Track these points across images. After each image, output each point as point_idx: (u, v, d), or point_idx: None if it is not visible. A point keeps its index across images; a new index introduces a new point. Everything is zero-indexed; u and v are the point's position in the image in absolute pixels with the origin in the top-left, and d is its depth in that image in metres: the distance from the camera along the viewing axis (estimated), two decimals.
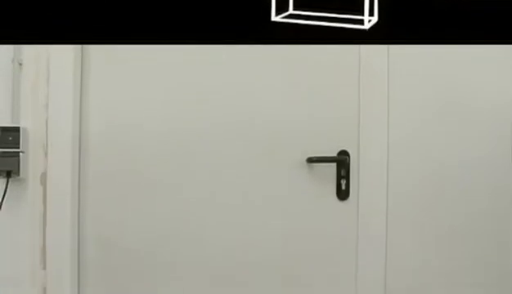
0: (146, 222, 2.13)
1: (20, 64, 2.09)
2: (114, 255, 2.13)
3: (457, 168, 2.18)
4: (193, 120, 2.15)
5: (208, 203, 2.15)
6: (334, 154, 2.16)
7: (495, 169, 2.18)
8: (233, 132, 2.15)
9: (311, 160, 2.13)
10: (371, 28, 1.64)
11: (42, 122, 2.08)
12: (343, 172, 2.14)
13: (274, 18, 1.66)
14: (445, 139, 2.18)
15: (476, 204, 2.18)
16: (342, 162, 2.14)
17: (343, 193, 2.15)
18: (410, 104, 2.18)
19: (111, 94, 2.15)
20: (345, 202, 2.15)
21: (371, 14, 1.63)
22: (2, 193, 2.03)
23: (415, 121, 2.18)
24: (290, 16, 1.67)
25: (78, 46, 2.11)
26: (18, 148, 2.04)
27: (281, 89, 2.16)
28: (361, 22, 1.64)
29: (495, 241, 2.18)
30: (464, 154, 2.19)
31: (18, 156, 2.04)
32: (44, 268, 2.06)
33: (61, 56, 2.09)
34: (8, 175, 2.04)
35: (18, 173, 2.04)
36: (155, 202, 2.14)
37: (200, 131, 2.15)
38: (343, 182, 2.14)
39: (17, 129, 2.05)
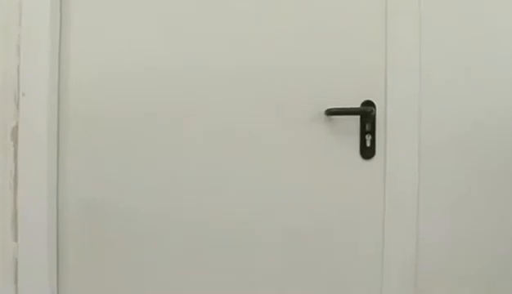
0: (137, 183, 1.95)
1: None
2: (97, 222, 1.95)
3: (498, 121, 2.00)
4: (193, 66, 1.96)
5: (209, 161, 1.96)
6: (358, 105, 1.99)
7: None
8: (238, 79, 1.96)
9: (330, 112, 1.96)
10: None
11: (13, 68, 1.90)
12: (367, 126, 1.98)
13: None
14: (487, 87, 2.00)
15: None
16: (366, 114, 1.97)
17: (367, 151, 1.99)
18: (445, 46, 1.99)
19: (96, 34, 1.95)
20: (370, 161, 1.99)
21: None
22: None
23: (451, 65, 1.99)
24: None
25: None
26: None
27: (296, 29, 1.98)
28: None
29: None
30: (506, 105, 2.01)
31: None
32: (16, 239, 1.90)
33: None
34: None
35: None
36: (147, 160, 1.96)
37: (201, 77, 1.96)
38: (368, 138, 1.98)
39: None
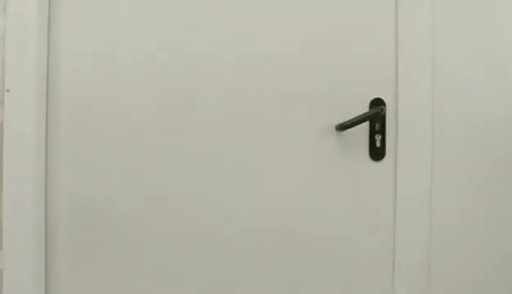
0: (130, 184, 1.85)
1: None
2: (88, 227, 1.85)
3: None
4: (193, 63, 1.86)
5: (209, 165, 1.86)
6: (367, 103, 1.90)
7: None
8: (239, 78, 1.86)
9: (342, 127, 1.85)
10: None
11: None
12: (377, 126, 1.90)
13: None
14: (503, 84, 1.94)
15: None
16: (376, 113, 1.87)
17: (377, 152, 1.91)
18: (460, 41, 1.93)
19: (87, 25, 1.84)
20: (380, 162, 1.91)
21: None
22: None
23: (465, 60, 1.93)
24: None
25: None
26: None
27: (301, 22, 1.88)
28: None
29: None
30: None
31: None
32: (1, 247, 1.78)
33: None
34: None
35: None
36: (141, 160, 1.86)
37: (201, 79, 1.86)
38: (378, 138, 1.90)
39: None
